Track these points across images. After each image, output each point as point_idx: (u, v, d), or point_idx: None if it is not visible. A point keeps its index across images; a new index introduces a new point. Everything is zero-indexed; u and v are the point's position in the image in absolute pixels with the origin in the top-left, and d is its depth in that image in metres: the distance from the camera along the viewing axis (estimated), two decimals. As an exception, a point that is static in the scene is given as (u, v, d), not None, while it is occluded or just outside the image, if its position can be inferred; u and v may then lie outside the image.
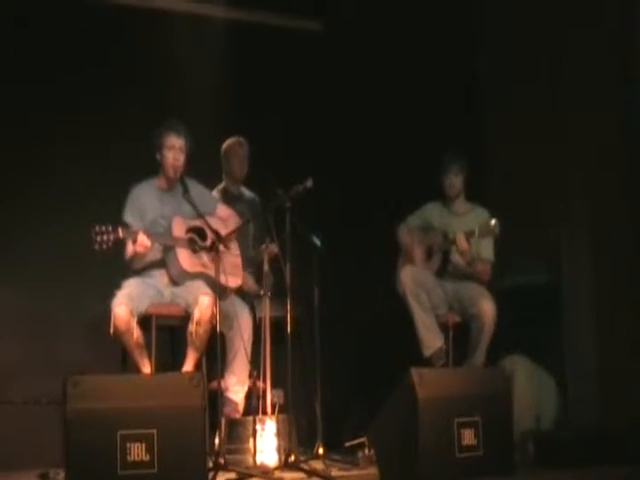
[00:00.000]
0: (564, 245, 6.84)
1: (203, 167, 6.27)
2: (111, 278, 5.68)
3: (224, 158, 6.56)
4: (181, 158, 5.77)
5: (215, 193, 6.42)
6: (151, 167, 5.87)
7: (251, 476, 4.94)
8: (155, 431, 4.38)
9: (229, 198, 6.42)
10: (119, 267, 5.75)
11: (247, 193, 6.64)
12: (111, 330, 5.43)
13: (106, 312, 5.45)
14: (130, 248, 5.64)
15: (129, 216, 5.74)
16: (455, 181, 6.50)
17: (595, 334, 6.51)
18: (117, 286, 5.56)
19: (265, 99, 7.16)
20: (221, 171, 6.59)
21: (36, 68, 6.48)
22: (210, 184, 6.38)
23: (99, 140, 6.57)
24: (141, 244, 5.52)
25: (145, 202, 5.82)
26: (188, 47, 6.90)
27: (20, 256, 6.32)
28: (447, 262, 6.42)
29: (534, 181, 7.01)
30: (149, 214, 5.80)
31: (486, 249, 6.40)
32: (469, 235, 6.23)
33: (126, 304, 5.43)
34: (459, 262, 6.37)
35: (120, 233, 5.40)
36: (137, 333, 5.45)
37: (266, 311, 5.87)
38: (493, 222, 6.17)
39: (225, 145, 6.56)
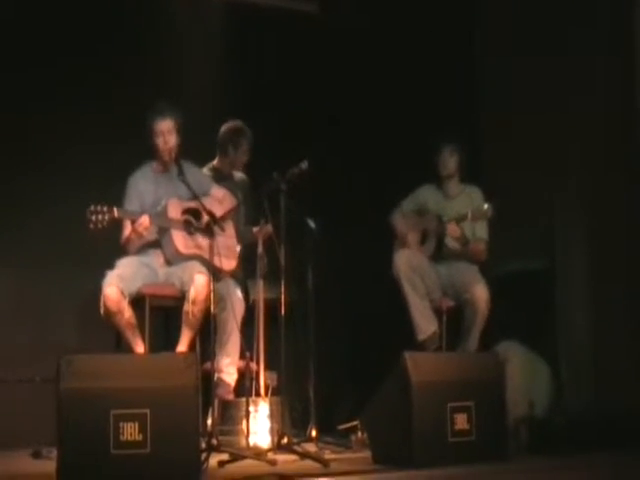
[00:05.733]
0: (558, 231, 6.85)
1: (199, 148, 6.28)
2: (106, 258, 5.67)
3: (235, 144, 6.48)
4: (171, 140, 5.79)
5: (205, 170, 6.40)
6: (148, 149, 5.86)
7: (244, 457, 4.94)
8: (148, 411, 4.37)
9: (219, 177, 6.40)
10: (113, 247, 5.75)
11: (237, 174, 6.61)
12: (101, 311, 5.43)
13: (98, 292, 5.44)
14: (127, 232, 5.65)
15: (129, 206, 5.75)
16: (449, 161, 6.51)
17: (589, 320, 6.53)
18: (111, 266, 5.56)
19: (261, 81, 7.14)
20: (214, 151, 6.56)
21: (34, 49, 6.44)
22: (203, 163, 6.40)
23: (96, 123, 6.54)
24: (142, 224, 5.53)
25: (143, 189, 5.84)
26: (186, 28, 6.90)
27: (13, 237, 6.31)
28: (442, 246, 6.43)
29: (529, 168, 7.00)
30: (148, 199, 5.82)
31: (481, 229, 6.43)
32: (461, 219, 6.25)
33: (116, 284, 5.43)
34: (454, 246, 6.38)
35: (115, 213, 5.42)
36: (128, 313, 5.47)
37: (260, 293, 5.88)
38: (486, 206, 6.23)
39: (239, 130, 6.49)
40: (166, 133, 5.77)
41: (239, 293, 5.94)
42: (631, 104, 6.42)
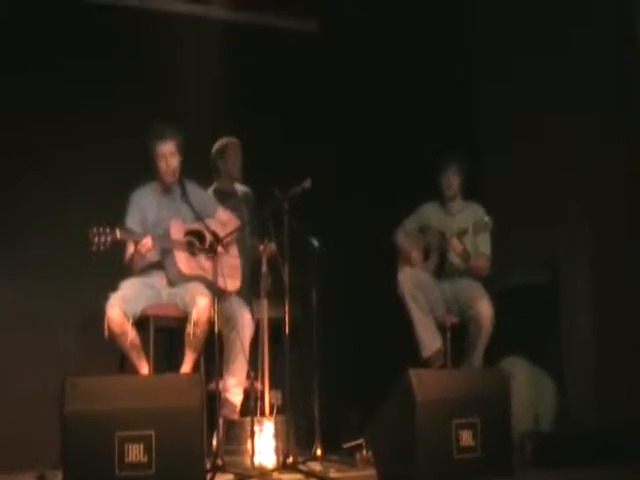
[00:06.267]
0: (562, 245, 6.83)
1: (201, 166, 6.30)
2: (110, 276, 5.66)
3: (221, 157, 6.50)
4: (174, 162, 5.78)
5: (210, 192, 6.41)
6: (150, 166, 5.87)
7: (249, 477, 4.94)
8: (153, 432, 4.38)
9: (222, 196, 6.41)
10: (118, 265, 5.75)
11: (240, 188, 6.62)
12: (106, 333, 5.42)
13: (102, 313, 5.45)
14: (130, 252, 5.65)
15: (131, 222, 5.74)
16: (453, 181, 6.52)
17: (593, 334, 6.51)
18: (115, 286, 5.55)
19: (261, 99, 7.15)
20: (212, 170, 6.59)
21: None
22: (207, 183, 6.41)
23: (98, 138, 6.56)
24: (144, 245, 5.53)
25: (145, 206, 5.83)
26: (185, 47, 6.91)
27: (19, 253, 6.32)
28: (445, 261, 6.42)
29: (532, 181, 6.99)
30: (150, 217, 5.81)
31: (483, 244, 6.41)
32: (463, 233, 6.25)
33: (119, 306, 5.42)
34: (457, 262, 6.37)
35: (118, 235, 5.41)
36: (132, 335, 5.45)
37: (264, 312, 5.88)
38: (486, 219, 6.20)
39: (222, 144, 6.51)
40: (168, 156, 5.76)
41: (247, 312, 5.92)
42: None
